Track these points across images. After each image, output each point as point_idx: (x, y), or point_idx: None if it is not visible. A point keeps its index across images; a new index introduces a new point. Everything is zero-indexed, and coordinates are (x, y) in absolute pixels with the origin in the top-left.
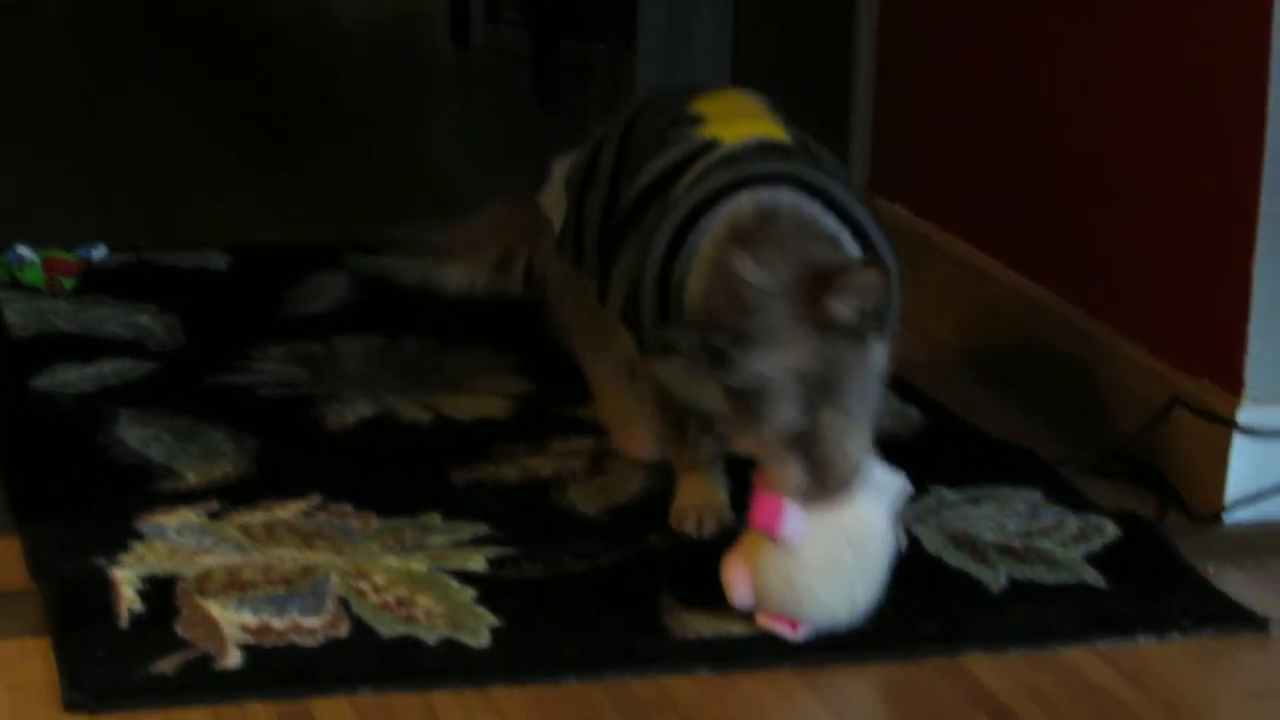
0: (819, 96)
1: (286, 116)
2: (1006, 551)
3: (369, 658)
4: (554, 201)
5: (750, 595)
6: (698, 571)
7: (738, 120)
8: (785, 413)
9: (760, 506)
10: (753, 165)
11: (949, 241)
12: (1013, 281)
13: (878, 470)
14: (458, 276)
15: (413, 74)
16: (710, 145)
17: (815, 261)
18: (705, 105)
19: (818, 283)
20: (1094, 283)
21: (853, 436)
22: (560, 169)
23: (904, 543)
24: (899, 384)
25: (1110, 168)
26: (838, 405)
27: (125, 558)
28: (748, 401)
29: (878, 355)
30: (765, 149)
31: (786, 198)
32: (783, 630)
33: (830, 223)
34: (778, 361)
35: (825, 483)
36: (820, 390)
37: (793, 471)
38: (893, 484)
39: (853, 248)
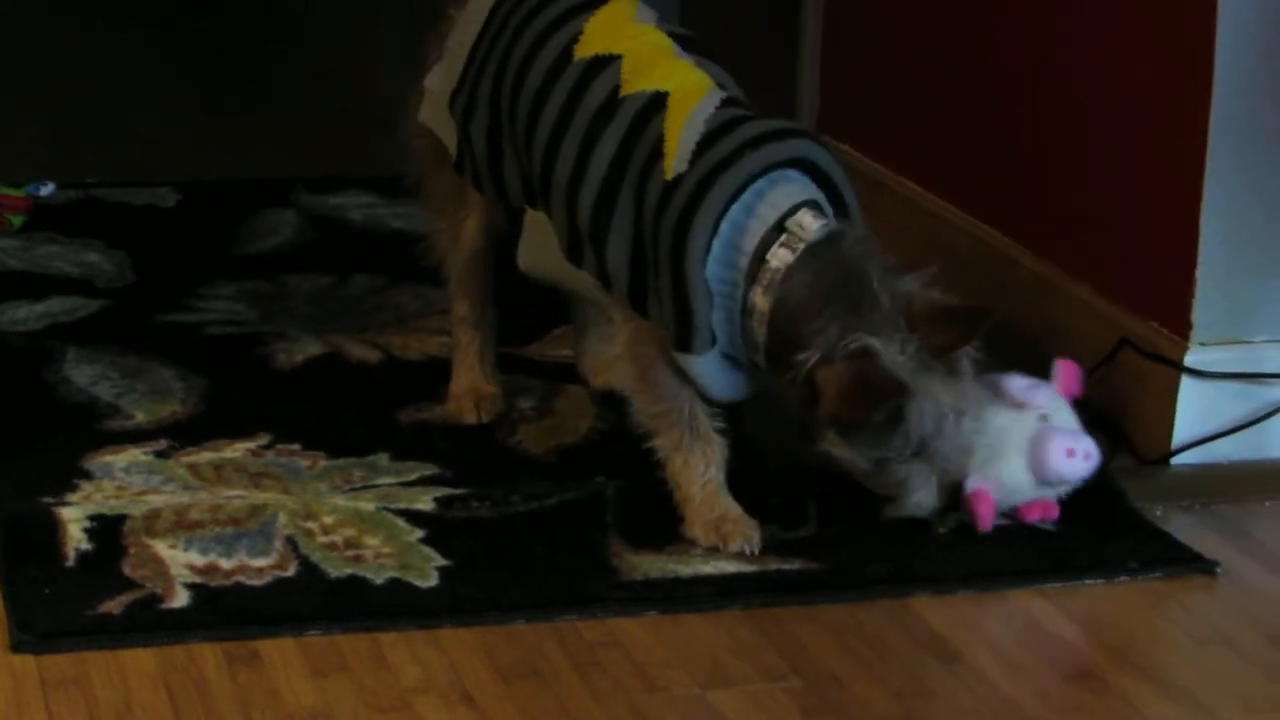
0: (768, 32)
1: (237, 51)
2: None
3: (317, 598)
4: (441, 120)
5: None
6: (646, 512)
7: (658, 62)
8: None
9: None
10: (768, 150)
11: (899, 183)
12: (962, 223)
13: None
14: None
15: (367, 10)
16: (658, 100)
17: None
18: (605, 36)
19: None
20: (1043, 224)
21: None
22: (434, 82)
23: None
24: None
25: (1060, 111)
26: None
27: (72, 497)
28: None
29: None
30: (733, 115)
31: (814, 205)
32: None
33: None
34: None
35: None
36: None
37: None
38: None
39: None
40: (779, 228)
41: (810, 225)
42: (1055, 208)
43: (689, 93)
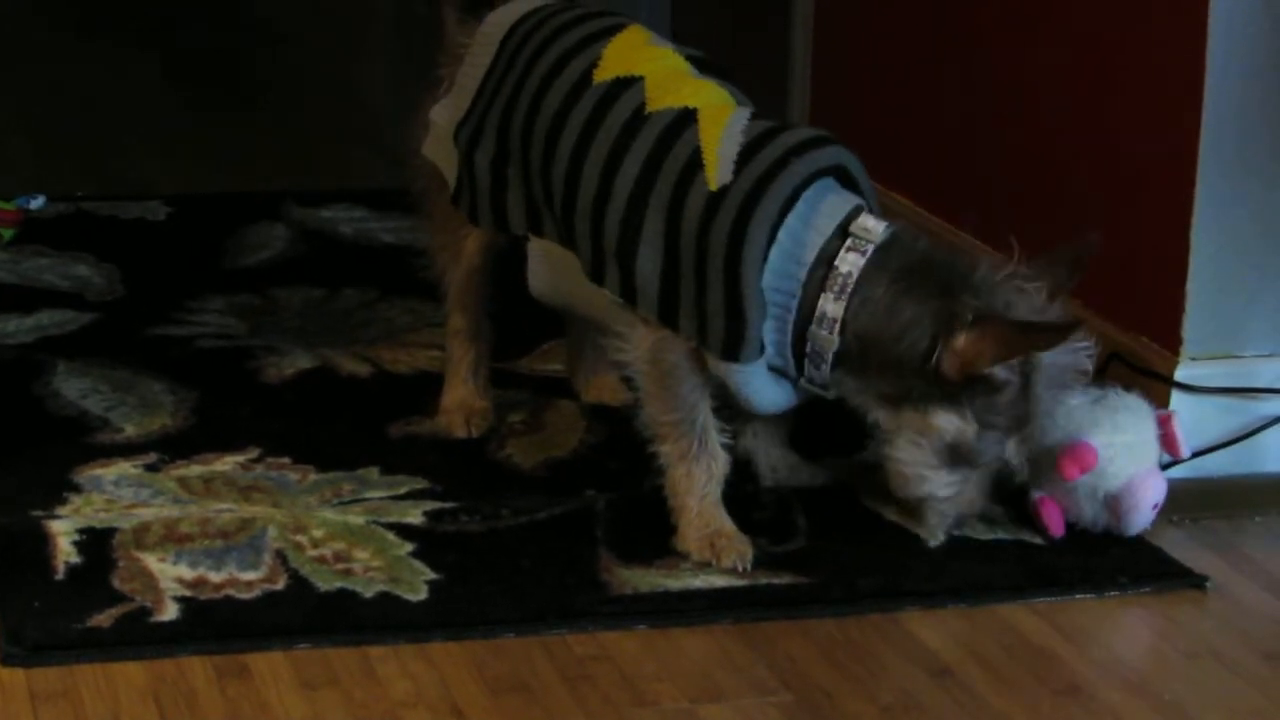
0: (757, 47)
1: (228, 65)
2: None
3: (306, 611)
4: (444, 154)
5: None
6: (636, 526)
7: (681, 82)
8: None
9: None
10: (811, 158)
11: (890, 197)
12: (952, 238)
13: None
14: None
15: (357, 24)
16: (687, 115)
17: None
18: (625, 59)
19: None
20: (1034, 240)
21: None
22: (441, 115)
23: None
24: None
25: (1052, 127)
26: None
27: (62, 510)
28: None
29: None
30: (767, 126)
31: (855, 203)
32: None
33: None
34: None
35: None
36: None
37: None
38: None
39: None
40: (841, 234)
41: (874, 228)
42: (1046, 223)
43: (718, 108)
